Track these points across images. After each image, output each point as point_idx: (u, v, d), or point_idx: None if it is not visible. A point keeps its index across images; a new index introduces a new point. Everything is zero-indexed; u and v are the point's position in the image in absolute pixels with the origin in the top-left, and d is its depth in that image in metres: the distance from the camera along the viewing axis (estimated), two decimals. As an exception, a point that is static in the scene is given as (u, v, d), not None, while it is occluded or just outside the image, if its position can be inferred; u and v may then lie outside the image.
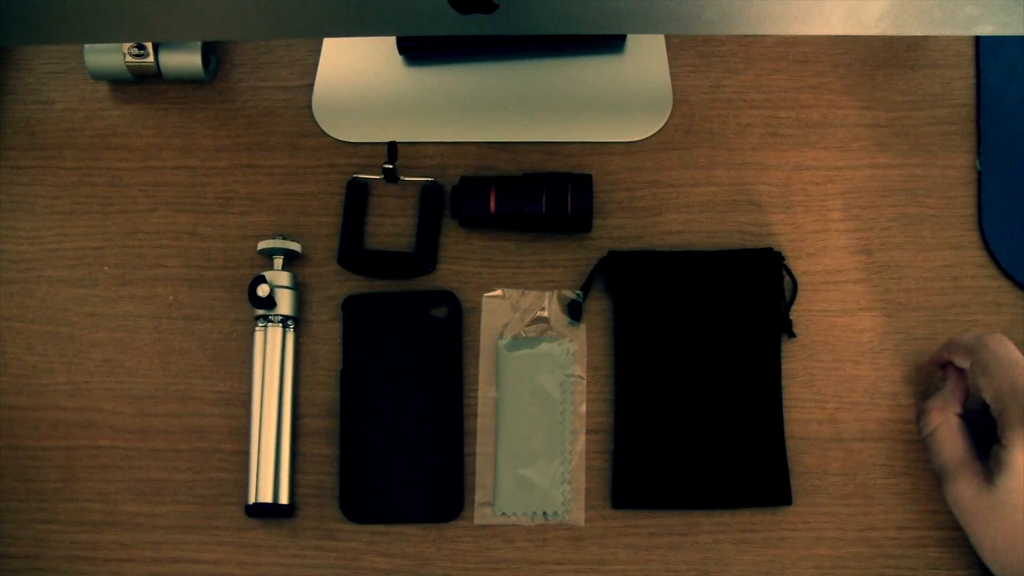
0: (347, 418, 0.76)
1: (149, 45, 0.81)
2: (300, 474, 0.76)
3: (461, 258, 0.79)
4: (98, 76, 0.83)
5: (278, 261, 0.78)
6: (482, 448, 0.75)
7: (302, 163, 0.82)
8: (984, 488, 0.65)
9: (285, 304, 0.76)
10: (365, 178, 0.81)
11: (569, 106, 0.82)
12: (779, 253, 0.77)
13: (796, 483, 0.74)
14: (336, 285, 0.79)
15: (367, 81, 0.84)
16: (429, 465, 0.75)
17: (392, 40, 0.83)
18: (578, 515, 0.74)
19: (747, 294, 0.76)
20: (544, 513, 0.74)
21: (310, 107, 0.83)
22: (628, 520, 0.74)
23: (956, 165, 0.80)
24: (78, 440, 0.77)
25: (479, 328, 0.78)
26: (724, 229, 0.79)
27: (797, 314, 0.77)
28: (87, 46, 0.82)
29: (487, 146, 0.82)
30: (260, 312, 0.76)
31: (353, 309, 0.78)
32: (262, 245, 0.78)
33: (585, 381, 0.76)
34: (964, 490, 0.66)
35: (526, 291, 0.78)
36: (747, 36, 0.83)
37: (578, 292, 0.77)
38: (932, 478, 0.74)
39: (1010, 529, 0.63)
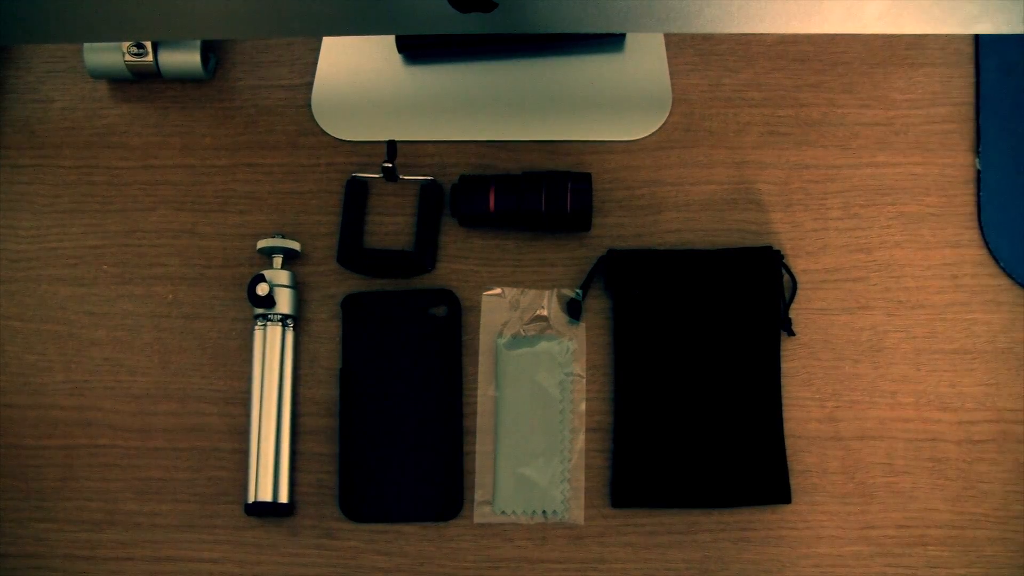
0: (346, 417, 0.76)
1: (148, 44, 0.81)
2: (299, 473, 0.76)
3: (460, 257, 0.79)
4: (97, 75, 0.83)
5: (277, 260, 0.78)
6: (481, 447, 0.75)
7: (301, 162, 0.82)
8: None
9: (284, 303, 0.76)
10: (364, 177, 0.81)
11: (568, 105, 0.82)
12: (778, 252, 0.77)
13: (795, 482, 0.74)
14: (335, 284, 0.79)
15: (366, 80, 0.84)
16: (428, 464, 0.75)
17: (391, 39, 0.83)
18: (577, 514, 0.74)
19: (746, 293, 0.76)
20: (543, 512, 0.74)
21: (309, 106, 0.83)
22: (628, 519, 0.74)
23: (955, 163, 0.80)
24: (77, 439, 0.77)
25: (478, 327, 0.78)
26: (723, 228, 0.79)
27: (796, 312, 0.77)
28: (86, 45, 0.82)
29: (486, 145, 0.82)
30: (259, 311, 0.76)
31: (352, 308, 0.78)
32: (261, 244, 0.78)
33: (584, 380, 0.76)
34: None
35: (525, 290, 0.78)
36: (746, 35, 0.83)
37: (577, 291, 0.77)
38: (931, 476, 0.74)
39: None
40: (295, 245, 0.78)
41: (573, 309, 0.77)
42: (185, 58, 0.82)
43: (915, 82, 0.82)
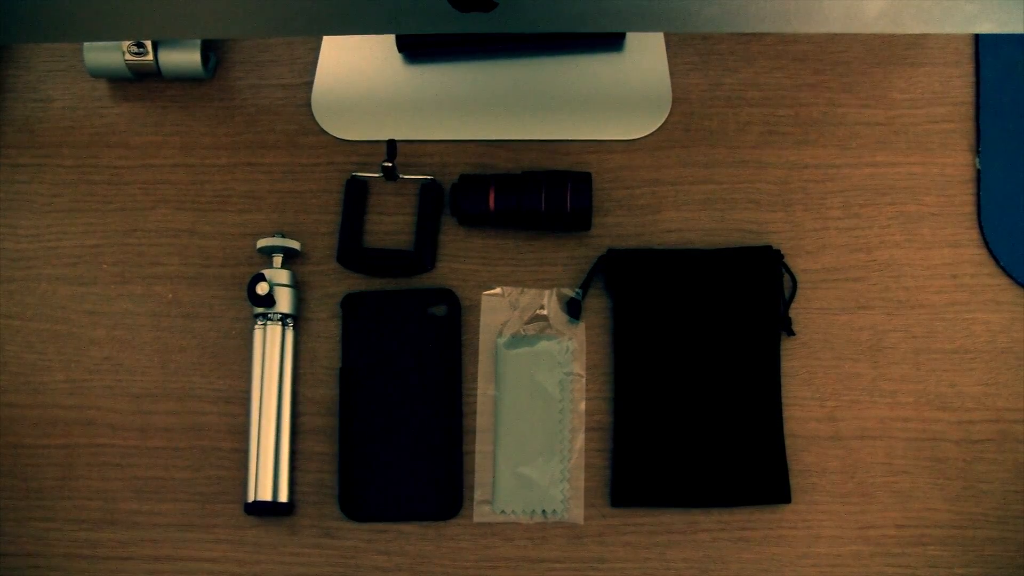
0: (346, 416, 0.76)
1: (148, 43, 0.81)
2: (299, 472, 0.76)
3: (460, 256, 0.79)
4: (97, 74, 0.83)
5: (277, 259, 0.78)
6: (481, 446, 0.75)
7: (301, 161, 0.82)
8: None
9: (284, 302, 0.76)
10: (364, 176, 0.81)
11: (568, 104, 0.82)
12: (778, 251, 0.77)
13: (795, 481, 0.74)
14: (335, 283, 0.79)
15: (366, 79, 0.84)
16: (428, 463, 0.75)
17: (391, 38, 0.83)
18: (577, 513, 0.74)
19: (746, 292, 0.76)
20: (543, 511, 0.74)
21: (309, 105, 0.83)
22: (627, 518, 0.74)
23: (955, 163, 0.80)
24: (77, 438, 0.77)
25: (478, 326, 0.78)
26: (723, 227, 0.79)
27: (796, 312, 0.77)
28: (86, 44, 0.82)
29: (486, 144, 0.82)
30: (259, 310, 0.76)
31: (352, 307, 0.78)
32: (261, 243, 0.78)
33: (584, 379, 0.76)
34: None
35: (525, 289, 0.78)
36: (746, 34, 0.83)
37: (577, 290, 0.77)
38: (931, 476, 0.74)
39: None
40: (295, 244, 0.78)
41: (573, 308, 0.77)
42: (185, 57, 0.82)
43: (915, 82, 0.82)
